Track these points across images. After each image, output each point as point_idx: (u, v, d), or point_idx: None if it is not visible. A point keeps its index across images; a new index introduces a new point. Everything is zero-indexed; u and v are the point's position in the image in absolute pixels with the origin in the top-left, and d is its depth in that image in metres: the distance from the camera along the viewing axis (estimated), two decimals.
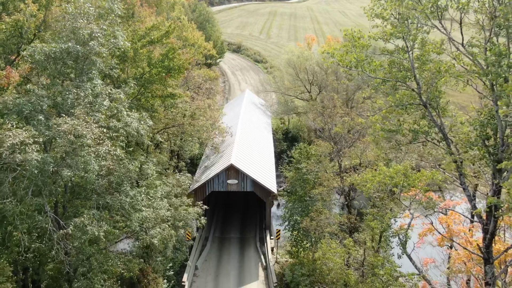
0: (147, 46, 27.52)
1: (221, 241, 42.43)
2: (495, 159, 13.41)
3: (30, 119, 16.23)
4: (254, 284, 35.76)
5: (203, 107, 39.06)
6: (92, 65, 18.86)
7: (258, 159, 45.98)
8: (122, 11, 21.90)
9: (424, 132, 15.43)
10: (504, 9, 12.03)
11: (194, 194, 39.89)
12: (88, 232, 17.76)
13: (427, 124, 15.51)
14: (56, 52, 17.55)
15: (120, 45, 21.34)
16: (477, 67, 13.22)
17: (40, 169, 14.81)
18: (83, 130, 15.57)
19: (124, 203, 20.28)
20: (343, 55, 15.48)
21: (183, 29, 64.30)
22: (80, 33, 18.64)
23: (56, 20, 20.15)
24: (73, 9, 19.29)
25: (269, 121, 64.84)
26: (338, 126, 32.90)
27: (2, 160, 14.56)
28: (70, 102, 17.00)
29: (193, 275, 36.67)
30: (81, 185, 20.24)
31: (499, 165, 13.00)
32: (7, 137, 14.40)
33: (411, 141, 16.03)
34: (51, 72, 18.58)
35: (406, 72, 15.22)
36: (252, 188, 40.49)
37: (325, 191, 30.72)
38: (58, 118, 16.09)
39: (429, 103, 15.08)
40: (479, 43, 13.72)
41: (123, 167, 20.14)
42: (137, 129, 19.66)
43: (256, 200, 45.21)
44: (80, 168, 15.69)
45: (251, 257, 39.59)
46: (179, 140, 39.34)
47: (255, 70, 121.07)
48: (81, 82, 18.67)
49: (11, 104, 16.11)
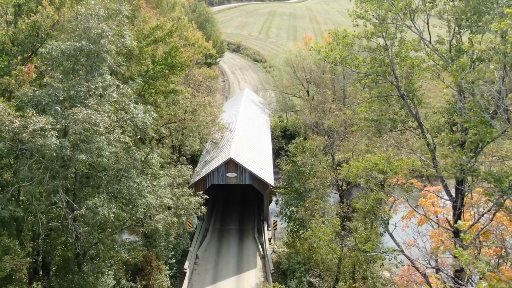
0: (151, 45, 29.33)
1: (220, 232, 44.22)
2: (460, 143, 15.13)
3: (47, 110, 18.01)
4: (252, 272, 37.54)
5: (203, 103, 40.87)
6: (102, 62, 20.66)
7: (256, 154, 47.75)
8: (129, 12, 23.71)
9: (402, 121, 17.23)
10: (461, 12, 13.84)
11: (195, 187, 41.64)
12: (99, 213, 19.56)
13: (405, 114, 17.31)
14: (71, 49, 19.34)
15: (127, 44, 23.15)
16: (443, 62, 15.01)
17: (58, 153, 16.56)
18: (97, 119, 17.37)
19: (131, 189, 22.07)
20: (328, 52, 17.30)
21: (184, 29, 66.06)
22: (92, 32, 20.43)
23: (68, 20, 21.92)
24: (85, 11, 21.07)
25: (267, 119, 66.59)
26: (330, 120, 34.74)
27: (24, 145, 16.33)
28: (83, 94, 18.81)
29: (194, 264, 38.43)
30: (91, 174, 22.02)
31: (462, 153, 14.70)
32: (29, 123, 16.19)
33: (391, 129, 17.85)
34: (65, 67, 20.37)
35: (386, 67, 17.03)
36: (250, 181, 42.27)
37: (319, 182, 32.50)
38: (73, 108, 17.88)
39: (407, 95, 16.86)
40: (444, 41, 15.49)
41: (130, 155, 21.92)
42: (143, 120, 21.46)
43: (254, 193, 46.97)
44: (94, 153, 17.47)
45: (249, 247, 41.38)
46: (181, 135, 41.10)
47: (254, 70, 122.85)
48: (92, 77, 20.47)
49: (31, 95, 17.92)
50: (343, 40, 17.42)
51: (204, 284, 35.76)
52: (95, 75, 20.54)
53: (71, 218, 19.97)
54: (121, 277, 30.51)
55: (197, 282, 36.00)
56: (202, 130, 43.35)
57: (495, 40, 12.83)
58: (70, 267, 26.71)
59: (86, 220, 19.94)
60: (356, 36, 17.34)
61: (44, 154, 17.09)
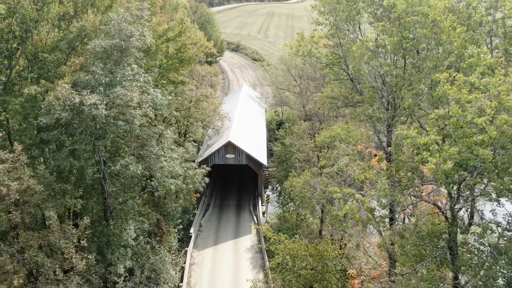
0: (165, 43, 35.82)
1: (221, 207, 50.87)
2: (387, 109, 21.53)
3: (94, 90, 24.50)
4: (248, 237, 44.12)
5: (206, 94, 47.45)
6: (131, 55, 27.19)
7: (252, 139, 54.32)
8: (148, 17, 30.29)
9: (351, 97, 23.64)
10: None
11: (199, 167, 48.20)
12: (131, 169, 26.10)
13: (352, 92, 23.73)
14: (108, 46, 25.84)
15: (148, 42, 29.68)
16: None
17: (106, 120, 23.03)
18: (130, 96, 23.84)
19: (151, 154, 28.63)
20: (297, 47, 23.75)
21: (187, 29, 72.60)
22: (122, 33, 26.97)
23: (103, 24, 28.43)
24: (116, 17, 27.63)
25: (263, 111, 73.12)
26: (309, 105, 41.28)
27: (82, 115, 22.88)
28: (119, 79, 25.33)
29: (198, 231, 45.05)
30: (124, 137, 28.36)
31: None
32: (86, 99, 22.70)
33: (345, 105, 24.26)
34: (103, 60, 26.89)
35: (340, 59, 23.44)
36: (246, 161, 48.80)
37: (303, 156, 39.02)
38: (114, 88, 24.44)
39: (354, 78, 23.27)
40: (372, 39, 21.96)
41: (151, 128, 28.38)
42: (161, 101, 27.97)
43: (250, 173, 53.54)
44: (129, 121, 23.97)
45: (245, 218, 47.98)
46: (186, 121, 47.64)
47: (252, 68, 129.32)
48: (123, 67, 27.03)
49: (83, 80, 24.49)
50: (311, 39, 23.92)
51: (207, 245, 42.38)
52: (125, 66, 27.12)
53: (108, 174, 26.50)
54: (139, 234, 37.00)
55: (201, 244, 42.61)
56: (204, 118, 49.88)
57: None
58: (101, 222, 33.21)
59: (121, 174, 26.44)
60: (320, 36, 23.85)
61: (96, 122, 23.63)
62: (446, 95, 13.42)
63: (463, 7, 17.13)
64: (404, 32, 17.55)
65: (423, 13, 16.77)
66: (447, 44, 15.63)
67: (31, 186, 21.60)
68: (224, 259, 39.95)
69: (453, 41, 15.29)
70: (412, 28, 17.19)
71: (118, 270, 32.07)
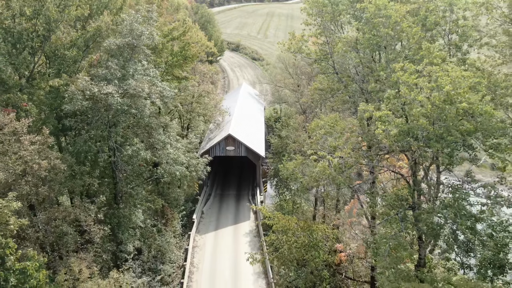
0: (170, 42, 39.06)
1: (221, 196, 54.08)
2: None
3: (110, 82, 27.75)
4: (246, 223, 47.29)
5: (207, 90, 50.68)
6: (141, 52, 30.45)
7: (251, 132, 57.50)
8: (157, 18, 33.54)
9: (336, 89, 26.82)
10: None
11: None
12: (141, 154, 29.33)
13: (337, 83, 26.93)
14: (122, 43, 29.07)
15: (156, 40, 32.91)
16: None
17: (120, 107, 26.32)
18: (143, 86, 27.06)
19: (159, 142, 31.86)
20: (289, 45, 26.96)
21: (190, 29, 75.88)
22: (134, 32, 30.19)
23: (116, 24, 31.67)
24: (128, 18, 30.86)
25: (262, 108, 76.35)
26: (303, 99, 44.50)
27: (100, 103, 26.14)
28: (131, 73, 28.59)
29: (200, 217, 48.24)
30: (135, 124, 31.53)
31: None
32: (102, 89, 25.98)
33: (332, 95, 27.42)
34: (116, 56, 30.11)
35: (327, 55, 26.63)
36: (245, 153, 51.96)
37: (296, 146, 42.21)
38: (127, 81, 27.72)
39: (339, 72, 26.44)
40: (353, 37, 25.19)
41: (158, 118, 31.60)
42: (169, 92, 31.20)
43: (249, 165, 56.75)
44: (140, 110, 27.24)
45: (244, 206, 51.15)
46: (189, 115, 50.88)
47: (252, 67, 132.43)
48: (134, 63, 30.28)
49: (101, 74, 27.82)
50: (301, 38, 27.14)
51: (209, 230, 45.56)
52: (136, 62, 30.36)
53: (120, 158, 29.71)
54: (146, 217, 40.22)
55: (203, 229, 45.79)
56: (206, 113, 53.09)
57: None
58: (112, 204, 36.42)
59: (131, 159, 29.67)
60: (310, 35, 27.05)
61: (110, 111, 26.93)
62: (398, 80, 16.71)
63: (421, 10, 20.35)
64: (373, 30, 20.79)
65: (386, 16, 20.10)
66: (405, 40, 18.80)
67: (57, 165, 24.78)
68: (225, 242, 43.11)
69: (409, 38, 18.52)
70: (378, 27, 20.41)
71: (128, 248, 35.33)
